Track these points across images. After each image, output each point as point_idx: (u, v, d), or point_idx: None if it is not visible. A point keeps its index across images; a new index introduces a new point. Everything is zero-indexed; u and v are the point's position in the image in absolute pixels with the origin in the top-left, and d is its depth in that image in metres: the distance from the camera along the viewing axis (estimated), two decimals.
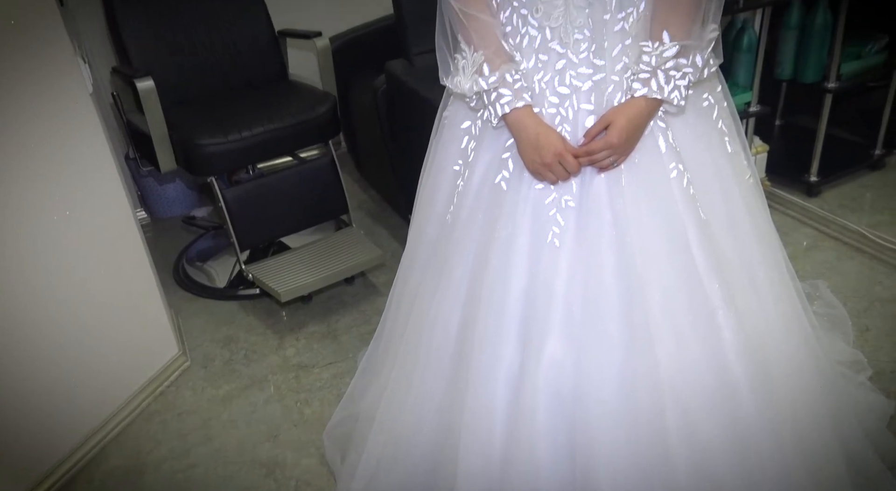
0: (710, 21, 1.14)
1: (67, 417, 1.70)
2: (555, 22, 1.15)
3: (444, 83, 1.29)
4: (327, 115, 2.31)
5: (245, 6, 2.46)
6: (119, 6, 2.26)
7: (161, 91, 2.10)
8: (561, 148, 1.16)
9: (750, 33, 2.34)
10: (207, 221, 2.79)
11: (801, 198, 2.52)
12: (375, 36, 2.83)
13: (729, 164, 1.26)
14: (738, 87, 2.40)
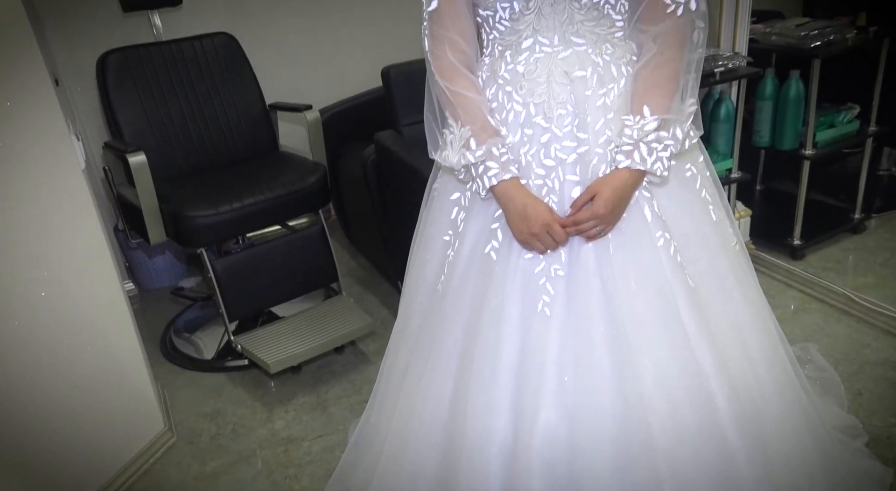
0: (689, 96, 1.19)
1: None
2: (538, 98, 1.20)
3: (432, 157, 1.32)
4: (317, 184, 2.34)
5: (237, 81, 2.52)
6: (112, 84, 2.31)
7: (152, 165, 2.13)
8: (548, 218, 1.18)
9: (727, 104, 2.42)
10: (196, 292, 2.77)
11: (785, 261, 2.56)
12: (365, 107, 2.90)
13: (714, 232, 1.28)
14: (719, 154, 2.46)
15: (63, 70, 2.58)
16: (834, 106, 2.54)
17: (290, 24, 2.96)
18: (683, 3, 1.16)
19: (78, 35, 2.59)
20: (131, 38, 2.53)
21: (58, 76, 2.32)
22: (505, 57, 1.25)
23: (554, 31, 1.19)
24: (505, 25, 1.23)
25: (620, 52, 1.21)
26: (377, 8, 3.03)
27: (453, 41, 1.24)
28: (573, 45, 1.19)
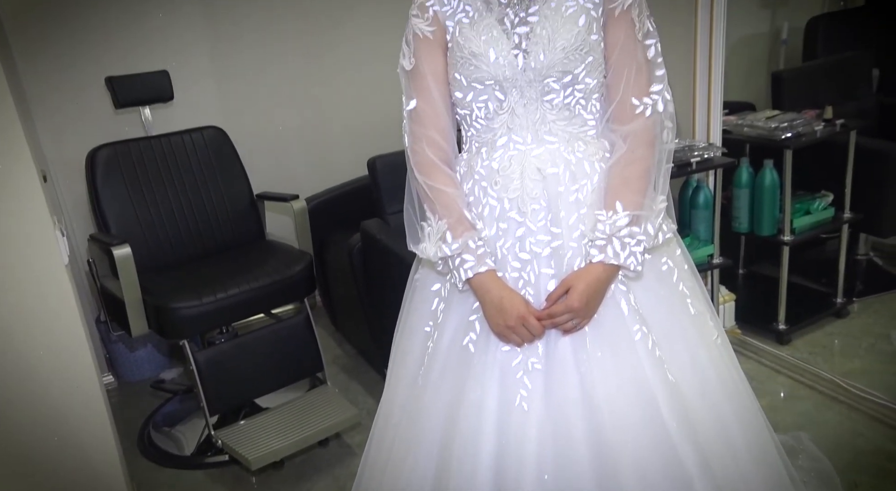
0: (659, 193, 1.22)
1: None
2: (513, 193, 1.23)
3: (411, 249, 1.34)
4: (303, 273, 2.35)
5: (226, 172, 2.57)
6: (101, 179, 2.35)
7: (137, 256, 2.14)
8: (524, 311, 1.18)
9: (705, 191, 2.48)
10: (177, 384, 2.72)
11: (772, 346, 2.55)
12: (351, 196, 2.95)
13: (693, 326, 1.28)
14: (700, 240, 2.50)
15: (52, 164, 2.62)
16: (808, 193, 2.60)
17: (279, 116, 3.05)
18: (651, 104, 1.21)
19: (69, 131, 2.64)
20: (122, 132, 2.60)
21: (46, 171, 2.36)
22: (481, 153, 1.29)
23: (527, 130, 1.24)
24: (481, 124, 1.28)
25: (593, 150, 1.25)
26: (364, 100, 3.14)
27: (432, 139, 1.28)
28: (546, 143, 1.24)
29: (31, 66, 2.53)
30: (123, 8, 2.64)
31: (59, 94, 2.60)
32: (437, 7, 1.26)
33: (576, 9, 1.19)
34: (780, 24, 3.55)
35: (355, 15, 3.05)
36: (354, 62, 3.09)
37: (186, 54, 2.79)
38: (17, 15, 2.47)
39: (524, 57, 1.20)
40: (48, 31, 2.54)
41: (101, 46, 2.63)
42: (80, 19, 2.57)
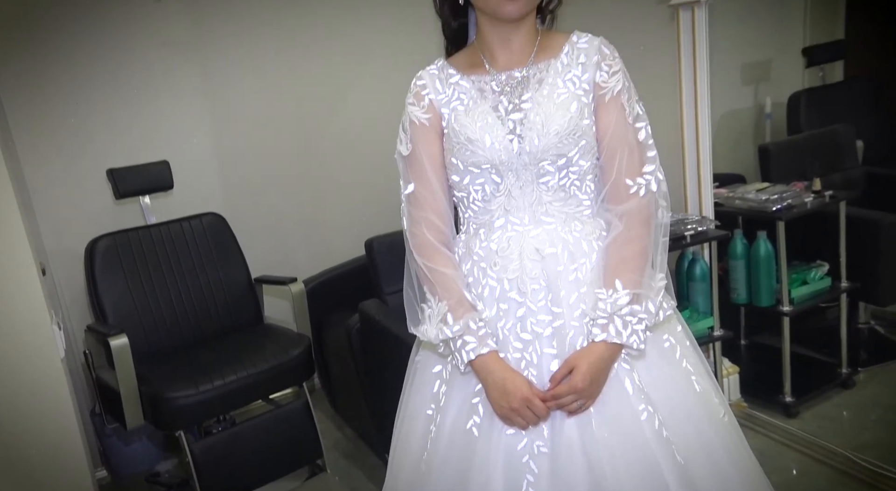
0: (658, 271, 1.24)
1: None
2: (512, 274, 1.24)
3: (412, 331, 1.33)
4: (301, 357, 2.33)
5: (224, 258, 2.59)
6: (100, 270, 2.36)
7: (134, 345, 2.12)
8: (528, 393, 1.17)
9: (701, 264, 2.50)
10: (172, 478, 2.64)
11: (780, 419, 2.51)
12: (349, 276, 2.96)
13: (699, 404, 1.27)
14: (700, 313, 2.50)
15: (51, 255, 2.62)
16: (804, 263, 2.62)
17: (277, 198, 3.10)
18: (645, 184, 1.24)
19: (68, 221, 2.66)
20: (121, 221, 2.63)
21: (45, 263, 2.37)
22: (479, 235, 1.30)
23: (524, 211, 1.26)
24: (478, 205, 1.30)
25: (589, 229, 1.27)
26: (361, 182, 3.19)
27: (430, 221, 1.30)
28: (543, 223, 1.26)
29: (34, 158, 2.59)
30: (124, 99, 2.72)
31: (60, 185, 2.64)
32: (433, 95, 1.31)
33: (567, 95, 1.24)
34: (763, 100, 3.68)
35: (349, 102, 3.15)
36: (351, 145, 3.17)
37: (186, 143, 2.86)
38: (19, 106, 2.53)
39: (519, 142, 1.24)
40: (51, 123, 2.60)
41: (103, 137, 2.69)
42: (83, 111, 2.65)
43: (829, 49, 3.55)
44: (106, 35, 2.65)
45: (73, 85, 2.61)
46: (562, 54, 1.27)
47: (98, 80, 2.66)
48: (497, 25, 1.26)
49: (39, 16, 2.53)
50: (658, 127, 1.34)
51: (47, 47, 2.56)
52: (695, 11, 2.33)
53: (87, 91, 2.65)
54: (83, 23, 2.60)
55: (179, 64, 2.81)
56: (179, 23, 2.78)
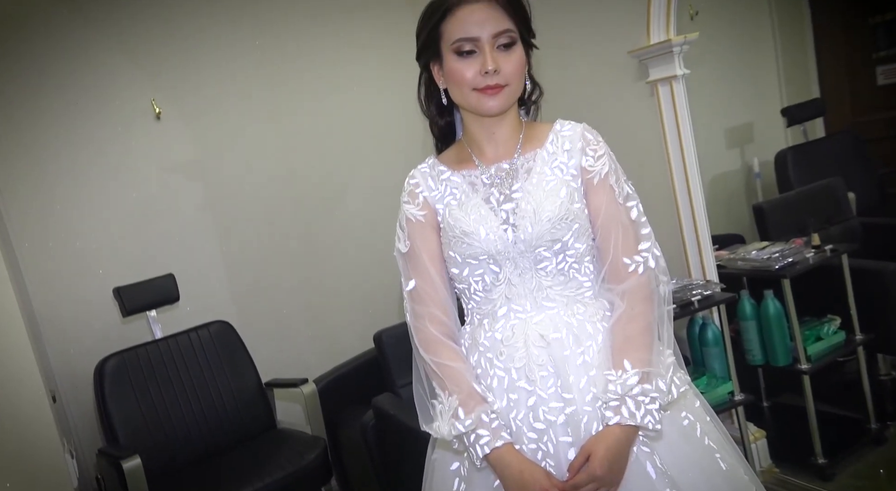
0: (666, 347, 1.23)
1: None
2: (519, 362, 1.23)
3: (424, 429, 1.31)
4: (317, 460, 2.28)
5: (233, 365, 2.58)
6: (109, 390, 2.35)
7: (147, 464, 2.08)
8: (547, 484, 1.14)
9: (712, 328, 2.48)
10: None
11: (817, 484, 2.41)
12: (360, 370, 2.93)
13: (727, 483, 1.22)
14: (717, 378, 2.45)
15: (60, 380, 2.60)
16: (816, 319, 2.60)
17: (281, 299, 3.11)
18: (642, 262, 1.25)
19: (76, 344, 2.65)
20: (129, 338, 2.63)
21: (55, 390, 2.36)
22: (483, 325, 1.30)
23: (526, 298, 1.27)
24: (480, 296, 1.31)
25: (592, 310, 1.27)
26: (364, 277, 3.21)
27: (433, 315, 1.31)
28: (545, 309, 1.26)
29: (41, 284, 2.61)
30: (127, 218, 2.77)
31: (66, 307, 2.65)
32: (427, 193, 1.34)
33: (556, 182, 1.27)
34: (751, 160, 3.76)
35: (347, 200, 3.21)
36: (351, 241, 3.21)
37: (190, 255, 2.89)
38: (24, 234, 2.58)
39: (513, 231, 1.25)
40: (55, 247, 2.65)
41: (107, 257, 2.73)
42: (86, 232, 2.69)
43: (807, 108, 3.65)
44: (108, 155, 2.74)
45: (76, 207, 2.68)
46: (547, 143, 1.31)
47: (100, 200, 2.73)
48: (481, 121, 1.31)
49: (42, 143, 2.63)
50: (651, 196, 1.37)
51: (50, 174, 2.64)
52: (672, 85, 2.41)
53: (90, 212, 2.71)
54: (84, 145, 2.70)
55: (181, 182, 2.88)
56: (180, 141, 2.88)
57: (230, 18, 2.94)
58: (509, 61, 1.24)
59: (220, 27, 2.92)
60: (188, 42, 2.87)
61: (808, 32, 3.93)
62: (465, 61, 1.23)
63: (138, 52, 2.78)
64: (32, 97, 2.60)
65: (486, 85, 1.22)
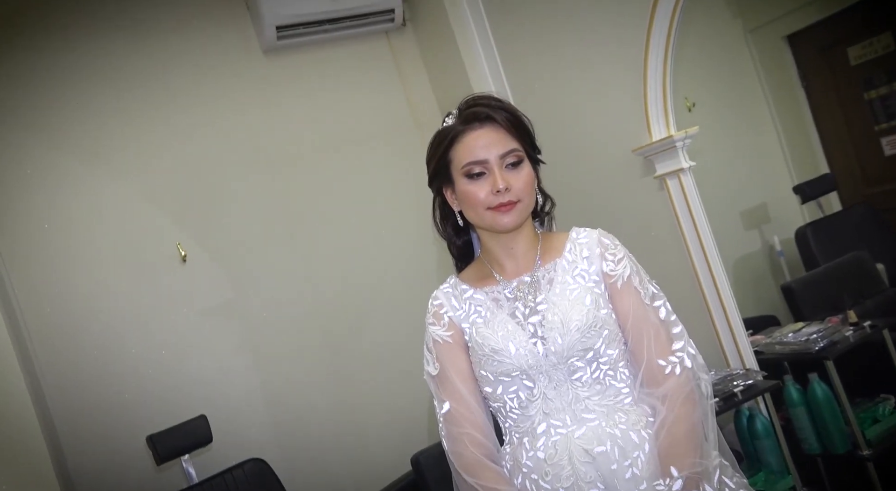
0: (712, 448, 1.18)
1: None
2: (566, 482, 1.19)
3: None
4: None
5: None
6: None
7: None
8: None
9: (760, 419, 2.38)
10: None
11: None
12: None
13: None
14: (775, 473, 2.33)
15: None
16: (868, 399, 2.49)
17: (316, 429, 3.04)
18: (678, 362, 1.23)
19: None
20: (163, 485, 2.57)
21: None
22: (524, 444, 1.27)
23: (564, 412, 1.24)
24: (516, 413, 1.28)
25: (634, 418, 1.23)
26: (396, 398, 3.16)
27: (472, 436, 1.29)
28: (586, 421, 1.23)
29: (73, 437, 2.58)
30: (157, 361, 2.78)
31: (99, 459, 2.60)
32: (451, 313, 1.34)
33: (580, 290, 1.27)
34: (771, 239, 3.75)
35: (374, 325, 3.21)
36: (380, 362, 3.17)
37: (221, 393, 2.87)
38: (56, 385, 2.59)
39: (543, 343, 1.25)
40: (88, 398, 2.64)
41: (138, 403, 2.71)
42: (117, 381, 2.70)
43: (818, 184, 3.68)
44: (137, 302, 2.79)
45: (106, 356, 2.70)
46: (565, 252, 1.32)
47: (130, 347, 2.75)
48: (498, 237, 1.33)
49: (70, 293, 2.69)
50: (676, 291, 1.36)
51: (78, 323, 2.68)
52: (681, 178, 2.44)
53: (121, 359, 2.72)
54: (112, 294, 2.75)
55: (211, 322, 2.90)
56: (208, 282, 2.92)
57: (247, 158, 3.07)
58: (519, 178, 1.28)
59: (238, 166, 3.04)
60: (208, 182, 2.98)
61: (805, 112, 4.02)
62: (476, 183, 1.27)
63: (161, 196, 2.89)
64: (58, 251, 2.69)
65: (500, 203, 1.26)
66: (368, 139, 3.29)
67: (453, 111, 1.34)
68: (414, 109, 3.37)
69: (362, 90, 3.29)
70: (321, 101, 3.22)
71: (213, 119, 3.00)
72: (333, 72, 3.26)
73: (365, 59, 3.31)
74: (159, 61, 2.91)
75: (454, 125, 1.31)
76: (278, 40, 3.00)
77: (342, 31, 3.13)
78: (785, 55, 4.02)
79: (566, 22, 2.68)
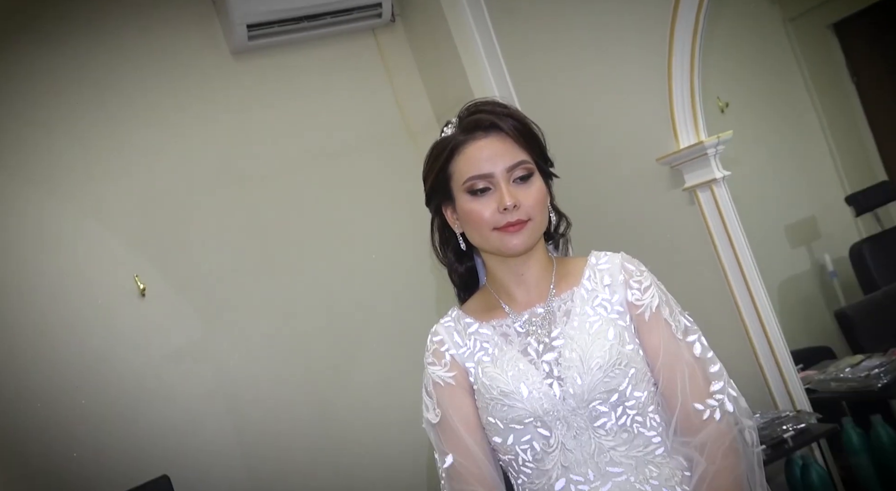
0: None
1: None
2: None
3: None
4: None
5: None
6: None
7: None
8: None
9: (816, 468, 2.36)
10: None
11: None
12: None
13: None
14: None
15: None
16: None
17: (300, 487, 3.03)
18: (717, 405, 1.23)
19: None
20: None
21: None
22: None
23: (586, 465, 1.23)
24: (531, 468, 1.27)
25: (668, 472, 1.23)
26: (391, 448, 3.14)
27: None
28: (612, 476, 1.22)
29: None
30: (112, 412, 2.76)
31: None
32: (454, 350, 1.34)
33: (601, 323, 1.27)
34: (821, 258, 3.74)
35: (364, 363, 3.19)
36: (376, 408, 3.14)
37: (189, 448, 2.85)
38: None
39: (559, 385, 1.24)
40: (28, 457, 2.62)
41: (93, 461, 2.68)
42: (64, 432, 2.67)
43: (875, 193, 3.69)
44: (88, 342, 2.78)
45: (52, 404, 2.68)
46: (583, 280, 1.33)
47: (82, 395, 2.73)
48: (507, 262, 1.33)
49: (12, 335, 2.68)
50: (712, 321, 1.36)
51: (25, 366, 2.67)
52: (713, 190, 2.44)
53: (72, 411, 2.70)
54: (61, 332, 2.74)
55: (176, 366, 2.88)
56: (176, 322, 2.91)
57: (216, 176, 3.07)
58: (528, 194, 1.28)
59: (205, 186, 3.04)
60: (171, 205, 2.98)
61: (857, 110, 4.04)
62: (480, 200, 1.28)
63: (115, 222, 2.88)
64: None
65: (507, 222, 1.26)
66: (355, 151, 3.31)
67: (453, 119, 1.35)
68: (406, 117, 3.40)
69: (347, 96, 3.31)
70: (300, 108, 3.24)
71: (175, 132, 3.02)
72: (313, 75, 3.28)
73: (349, 60, 3.34)
74: (113, 69, 2.93)
75: (454, 135, 1.31)
76: (249, 40, 3.03)
77: (322, 29, 3.16)
78: (831, 46, 4.05)
79: (577, 12, 2.71)
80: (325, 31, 3.18)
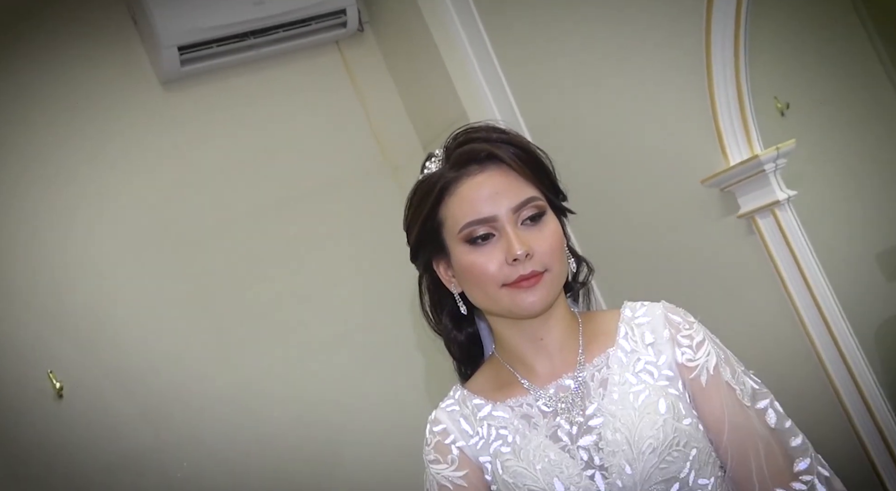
0: None
1: None
2: None
3: None
4: None
5: None
6: None
7: None
8: None
9: None
10: None
11: None
12: None
13: None
14: None
15: None
16: None
17: None
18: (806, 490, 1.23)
19: None
20: None
21: None
22: None
23: None
24: None
25: None
26: None
27: None
28: None
29: None
30: None
31: None
32: (462, 442, 1.34)
33: (648, 393, 1.27)
34: None
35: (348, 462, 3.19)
36: None
37: None
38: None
39: (604, 476, 1.24)
40: None
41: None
42: None
43: None
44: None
45: None
46: (619, 338, 1.33)
47: None
48: (521, 326, 1.33)
49: None
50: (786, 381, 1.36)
51: None
52: (777, 215, 2.44)
53: None
54: None
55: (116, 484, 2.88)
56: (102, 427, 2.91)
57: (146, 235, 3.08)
58: (542, 238, 1.28)
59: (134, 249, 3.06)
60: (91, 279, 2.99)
61: None
62: (482, 251, 1.28)
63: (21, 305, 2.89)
64: None
65: (520, 276, 1.26)
66: (322, 192, 3.32)
67: (437, 151, 1.35)
68: (385, 147, 3.42)
69: (309, 125, 3.35)
70: (251, 145, 3.27)
71: (92, 184, 3.03)
72: (265, 103, 3.32)
73: (309, 81, 3.38)
74: (16, 118, 2.96)
75: (441, 171, 1.32)
76: (183, 65, 3.06)
77: (274, 46, 3.21)
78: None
79: (589, 6, 2.75)
80: (277, 47, 3.23)
